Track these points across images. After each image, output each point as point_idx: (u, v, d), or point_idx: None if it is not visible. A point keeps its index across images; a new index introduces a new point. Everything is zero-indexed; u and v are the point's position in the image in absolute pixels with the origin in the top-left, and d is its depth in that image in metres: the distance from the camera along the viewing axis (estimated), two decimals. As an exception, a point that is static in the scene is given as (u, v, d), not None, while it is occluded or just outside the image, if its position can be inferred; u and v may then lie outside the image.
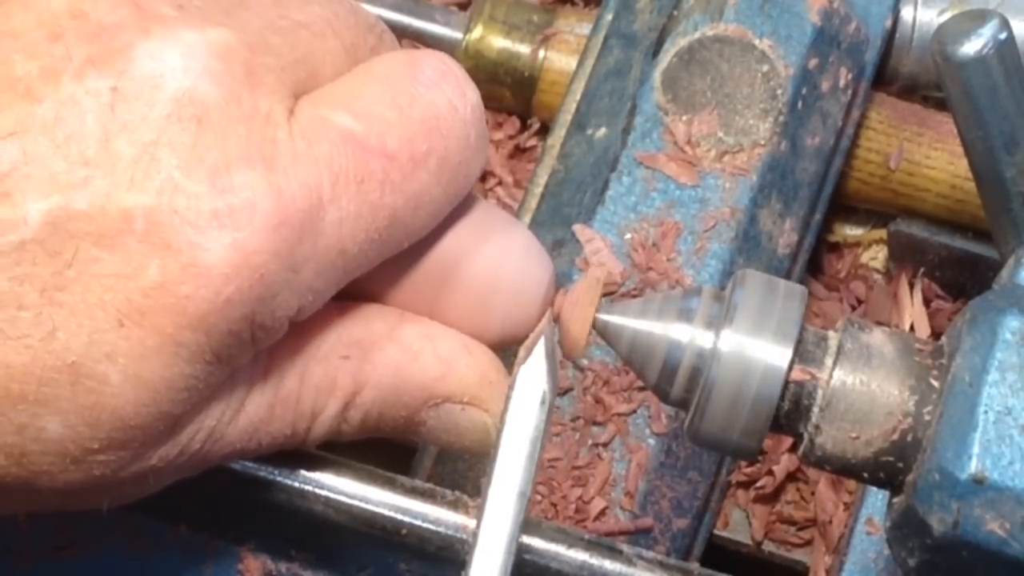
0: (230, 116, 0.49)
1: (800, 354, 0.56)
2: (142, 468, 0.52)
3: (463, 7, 0.98)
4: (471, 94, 0.55)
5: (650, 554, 0.61)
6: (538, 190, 0.84)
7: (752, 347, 0.55)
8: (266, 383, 0.53)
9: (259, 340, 0.51)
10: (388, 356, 0.55)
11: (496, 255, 0.56)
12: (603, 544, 0.61)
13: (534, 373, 0.55)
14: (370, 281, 0.55)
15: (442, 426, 0.57)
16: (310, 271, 0.51)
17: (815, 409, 0.56)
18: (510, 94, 0.94)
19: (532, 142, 0.96)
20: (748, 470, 0.88)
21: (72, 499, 0.52)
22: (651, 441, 0.77)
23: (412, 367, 0.55)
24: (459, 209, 0.56)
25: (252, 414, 0.53)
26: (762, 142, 0.82)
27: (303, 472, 0.59)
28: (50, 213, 0.48)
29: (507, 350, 0.58)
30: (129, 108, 0.48)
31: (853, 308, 0.94)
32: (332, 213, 0.50)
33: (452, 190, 0.54)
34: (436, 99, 0.53)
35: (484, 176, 0.97)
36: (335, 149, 0.51)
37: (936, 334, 0.90)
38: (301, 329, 0.53)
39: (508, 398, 0.55)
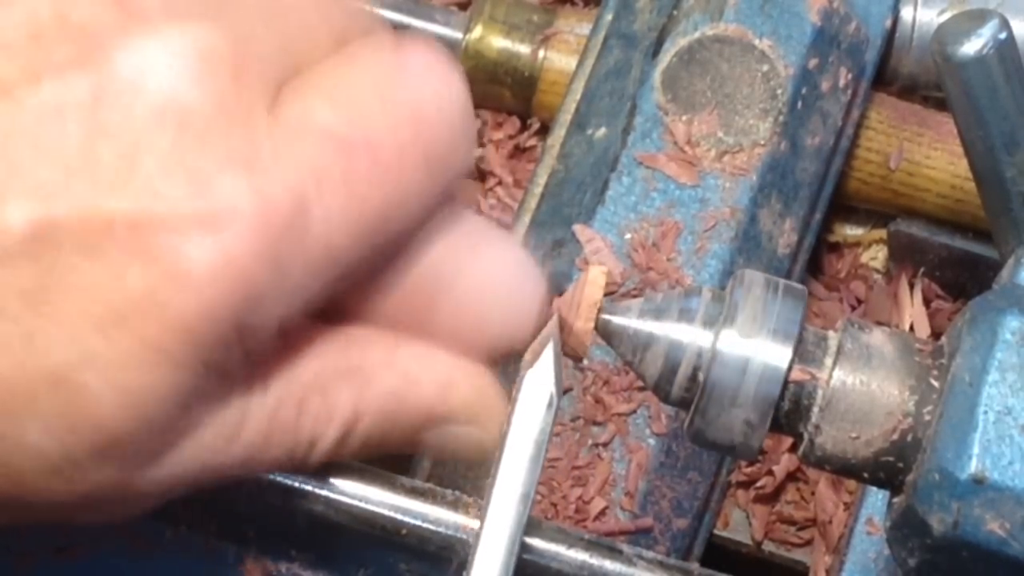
0: (211, 118, 0.48)
1: (800, 354, 0.56)
2: (133, 489, 0.51)
3: (463, 7, 0.98)
4: (457, 83, 0.53)
5: (650, 554, 0.61)
6: (538, 190, 0.84)
7: (752, 347, 0.55)
8: (262, 412, 0.52)
9: (249, 345, 0.50)
10: (386, 384, 0.54)
11: (489, 269, 0.56)
12: (603, 544, 0.61)
13: (541, 376, 0.55)
14: (362, 297, 0.54)
15: (440, 445, 0.57)
16: (298, 272, 0.50)
17: (815, 409, 0.56)
18: (510, 94, 0.94)
19: (532, 142, 0.96)
20: (748, 470, 0.88)
21: (63, 514, 0.51)
22: (651, 441, 0.77)
23: (410, 393, 0.55)
24: (451, 222, 0.55)
25: (248, 443, 0.52)
26: (762, 142, 0.82)
27: (302, 472, 0.59)
28: (31, 221, 0.47)
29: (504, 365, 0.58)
30: (110, 112, 0.47)
31: (853, 308, 0.94)
32: (318, 212, 0.50)
33: (440, 180, 0.53)
34: (422, 90, 0.52)
35: (484, 176, 0.97)
36: (318, 146, 0.50)
37: (936, 334, 0.90)
38: (296, 358, 0.53)
39: (514, 399, 0.55)
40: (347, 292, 0.53)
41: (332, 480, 0.59)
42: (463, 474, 0.77)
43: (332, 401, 0.54)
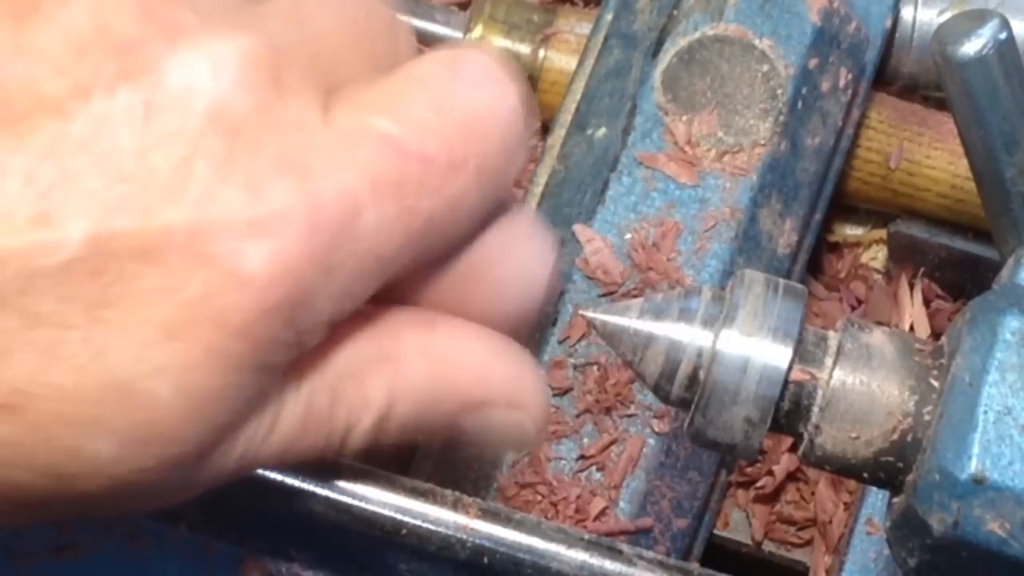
0: (262, 124, 0.49)
1: (800, 354, 0.56)
2: (185, 486, 0.51)
3: (463, 7, 0.98)
4: (513, 92, 0.54)
5: (650, 554, 0.61)
6: (538, 190, 0.84)
7: (752, 347, 0.55)
8: (297, 402, 0.53)
9: (301, 344, 0.51)
10: (421, 368, 0.55)
11: (500, 242, 0.56)
12: (603, 544, 0.61)
13: None
14: (400, 285, 0.54)
15: (481, 429, 0.57)
16: (348, 275, 0.50)
17: (815, 409, 0.56)
18: (510, 94, 0.94)
19: (532, 142, 0.96)
20: (748, 470, 0.88)
21: (100, 511, 0.52)
22: (651, 441, 0.77)
23: (446, 377, 0.55)
24: (494, 216, 0.55)
25: (285, 433, 0.53)
26: (762, 142, 0.82)
27: (302, 472, 0.59)
28: (91, 232, 0.47)
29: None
30: (163, 122, 0.48)
31: (853, 308, 0.94)
32: (369, 218, 0.50)
33: (490, 191, 0.54)
34: (477, 101, 0.53)
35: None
36: (373, 153, 0.50)
37: (936, 334, 0.90)
38: (331, 346, 0.53)
39: None
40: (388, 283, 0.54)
41: (332, 480, 0.60)
42: (463, 474, 0.77)
43: (366, 388, 0.54)
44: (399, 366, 0.54)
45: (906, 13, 0.91)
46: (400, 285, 0.54)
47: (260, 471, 0.59)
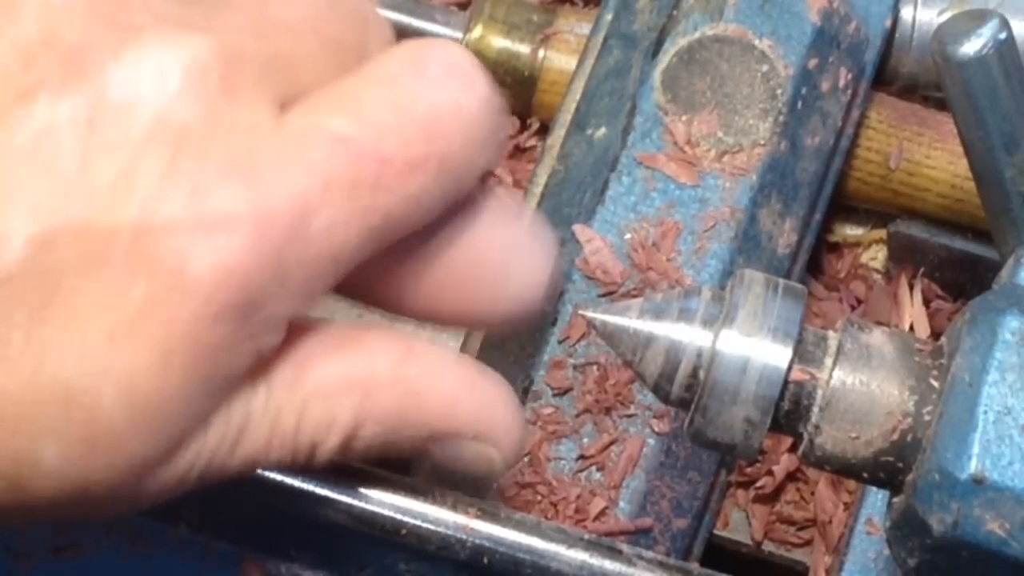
0: (209, 130, 0.49)
1: (800, 354, 0.56)
2: (139, 493, 0.51)
3: (463, 7, 0.98)
4: (479, 87, 0.53)
5: (650, 554, 0.61)
6: (538, 190, 0.84)
7: (752, 347, 0.55)
8: (264, 418, 0.53)
9: (255, 346, 0.51)
10: (391, 395, 0.55)
11: (499, 242, 0.55)
12: (603, 544, 0.61)
13: None
14: (368, 276, 0.54)
15: (447, 458, 0.57)
16: (301, 276, 0.50)
17: (815, 409, 0.56)
18: (510, 94, 0.94)
19: (532, 142, 0.96)
20: (748, 470, 0.88)
21: (57, 517, 0.52)
22: (651, 441, 0.77)
23: (414, 406, 0.55)
24: (465, 203, 0.55)
25: (251, 447, 0.53)
26: (762, 142, 0.82)
27: (302, 472, 0.59)
28: (34, 238, 0.47)
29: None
30: (106, 129, 0.48)
31: (853, 308, 0.94)
32: (322, 219, 0.50)
33: (451, 187, 0.53)
34: (439, 98, 0.52)
35: (484, 176, 0.97)
36: (326, 155, 0.50)
37: (936, 334, 0.90)
38: (301, 363, 0.53)
39: None
40: (352, 275, 0.53)
41: (332, 480, 0.59)
42: (463, 474, 0.77)
43: (333, 409, 0.54)
44: (368, 390, 0.54)
45: (906, 13, 0.91)
46: (368, 278, 0.54)
47: (260, 471, 0.59)
